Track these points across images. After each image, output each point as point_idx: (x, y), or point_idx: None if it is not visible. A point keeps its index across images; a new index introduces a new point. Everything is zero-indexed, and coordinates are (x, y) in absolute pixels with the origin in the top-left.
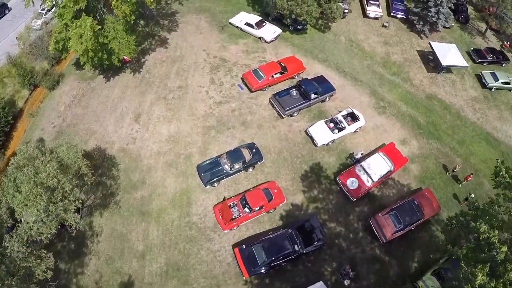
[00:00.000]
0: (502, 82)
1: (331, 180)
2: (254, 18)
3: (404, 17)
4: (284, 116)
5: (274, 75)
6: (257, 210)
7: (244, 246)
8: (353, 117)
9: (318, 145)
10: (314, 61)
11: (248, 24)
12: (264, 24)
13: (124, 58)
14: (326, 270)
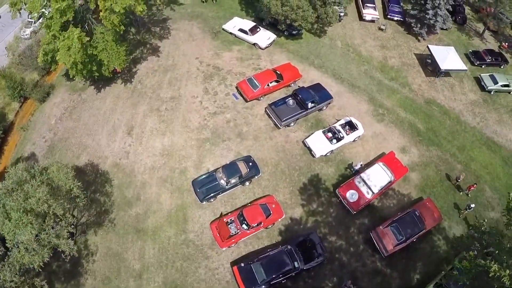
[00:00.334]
0: (501, 85)
1: (330, 192)
2: (248, 24)
3: (401, 19)
4: (280, 126)
5: (270, 84)
6: (255, 227)
7: (243, 264)
8: (351, 126)
9: (316, 156)
10: (310, 67)
11: (241, 30)
12: (258, 30)
13: (114, 68)
14: (327, 286)
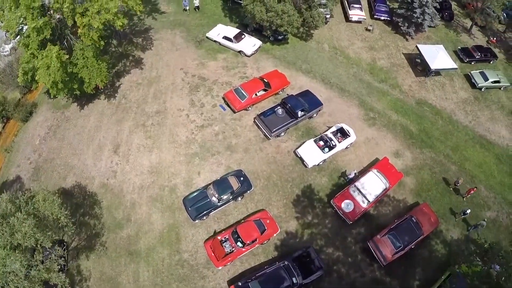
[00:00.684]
0: (492, 81)
1: (325, 203)
2: (232, 31)
3: (388, 19)
4: (270, 137)
5: (258, 93)
6: (250, 244)
7: (240, 283)
8: (343, 133)
9: (308, 166)
10: (298, 73)
11: (226, 37)
12: (243, 36)
13: (96, 84)
14: None
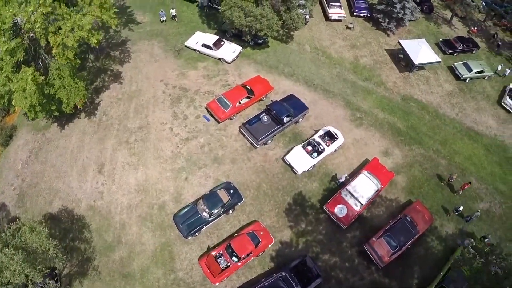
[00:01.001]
0: (475, 72)
1: (317, 208)
2: (211, 38)
3: (368, 15)
4: (257, 146)
5: (241, 101)
6: (245, 257)
7: None
8: (331, 136)
9: (298, 173)
10: (281, 77)
11: (205, 45)
12: (222, 43)
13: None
14: None
